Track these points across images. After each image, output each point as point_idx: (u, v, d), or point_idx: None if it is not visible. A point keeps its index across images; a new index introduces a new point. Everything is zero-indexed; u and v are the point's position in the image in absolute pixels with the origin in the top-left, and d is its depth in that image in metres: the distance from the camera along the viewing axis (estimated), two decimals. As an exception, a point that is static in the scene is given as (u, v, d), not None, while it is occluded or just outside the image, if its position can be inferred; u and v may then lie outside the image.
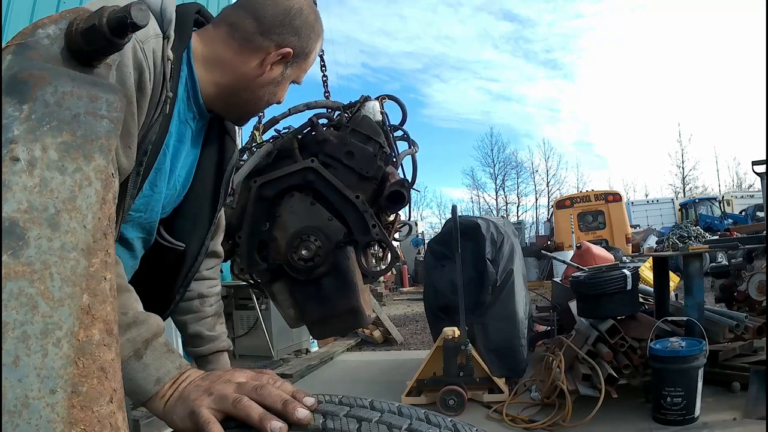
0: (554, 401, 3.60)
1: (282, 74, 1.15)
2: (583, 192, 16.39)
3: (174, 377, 0.83)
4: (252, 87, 1.13)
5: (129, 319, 0.86)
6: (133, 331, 0.85)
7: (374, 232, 1.54)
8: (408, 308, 10.92)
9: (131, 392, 0.82)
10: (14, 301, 0.46)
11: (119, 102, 0.56)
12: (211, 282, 1.38)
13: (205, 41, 1.10)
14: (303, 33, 1.14)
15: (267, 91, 1.15)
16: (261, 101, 1.16)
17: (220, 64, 1.10)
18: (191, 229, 1.21)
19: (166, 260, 1.19)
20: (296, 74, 1.19)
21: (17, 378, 0.46)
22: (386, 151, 1.65)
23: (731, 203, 20.47)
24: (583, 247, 7.29)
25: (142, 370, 0.83)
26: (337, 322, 1.60)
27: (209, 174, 1.23)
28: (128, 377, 0.81)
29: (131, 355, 0.83)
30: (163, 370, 0.84)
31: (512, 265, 4.45)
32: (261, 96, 1.15)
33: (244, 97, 1.14)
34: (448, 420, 0.72)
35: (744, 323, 3.69)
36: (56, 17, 0.59)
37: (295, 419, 0.69)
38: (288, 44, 1.12)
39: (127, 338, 0.83)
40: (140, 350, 0.84)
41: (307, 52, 1.17)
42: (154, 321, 0.89)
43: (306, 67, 1.20)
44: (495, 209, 34.98)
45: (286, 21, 1.12)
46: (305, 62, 1.19)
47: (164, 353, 0.86)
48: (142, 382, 0.82)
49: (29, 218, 0.48)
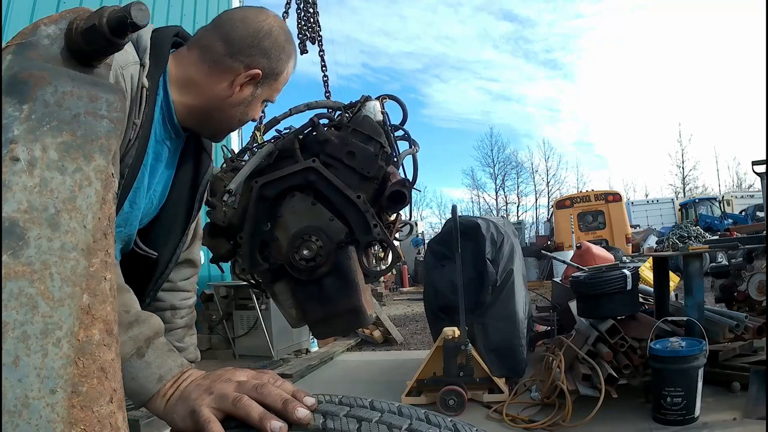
0: (554, 401, 3.60)
1: (252, 94, 1.18)
2: (583, 192, 16.40)
3: (176, 375, 0.84)
4: (223, 107, 1.16)
5: (131, 318, 0.86)
6: (135, 330, 0.85)
7: (376, 231, 1.54)
8: (408, 308, 10.92)
9: (133, 391, 0.82)
10: (14, 301, 0.46)
11: (119, 102, 0.56)
12: (186, 294, 1.45)
13: (178, 64, 1.14)
14: (272, 54, 1.17)
15: (238, 110, 1.19)
16: (233, 120, 1.20)
17: (193, 86, 1.14)
18: (165, 238, 1.25)
19: (138, 266, 1.23)
20: (268, 94, 1.22)
21: (17, 378, 0.46)
22: (387, 150, 1.65)
23: (731, 203, 20.47)
24: (583, 247, 7.28)
25: (144, 369, 0.83)
26: (338, 322, 1.60)
27: (185, 187, 1.28)
28: (130, 376, 0.81)
29: (133, 353, 0.83)
30: (165, 368, 0.84)
31: (512, 265, 4.45)
32: (233, 115, 1.19)
33: (217, 117, 1.18)
34: (448, 420, 0.72)
35: (744, 323, 3.69)
36: (56, 17, 0.59)
37: (295, 419, 0.69)
38: (257, 65, 1.15)
39: (129, 336, 0.84)
40: (142, 348, 0.85)
41: (277, 72, 1.20)
42: (155, 320, 0.89)
43: (278, 86, 1.23)
44: (495, 209, 35.02)
45: (255, 42, 1.15)
46: (276, 82, 1.22)
47: (166, 352, 0.87)
48: (144, 380, 0.82)
49: (29, 218, 0.48)
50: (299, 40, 2.97)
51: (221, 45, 1.14)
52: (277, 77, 1.21)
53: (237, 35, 1.16)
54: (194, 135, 1.25)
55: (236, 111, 1.18)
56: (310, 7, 2.96)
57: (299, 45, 2.97)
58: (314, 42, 2.96)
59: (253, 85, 1.17)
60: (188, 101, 1.14)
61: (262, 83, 1.18)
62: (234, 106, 1.17)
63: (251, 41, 1.15)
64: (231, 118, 1.19)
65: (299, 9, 2.96)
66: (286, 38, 1.22)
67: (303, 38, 2.97)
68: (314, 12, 2.96)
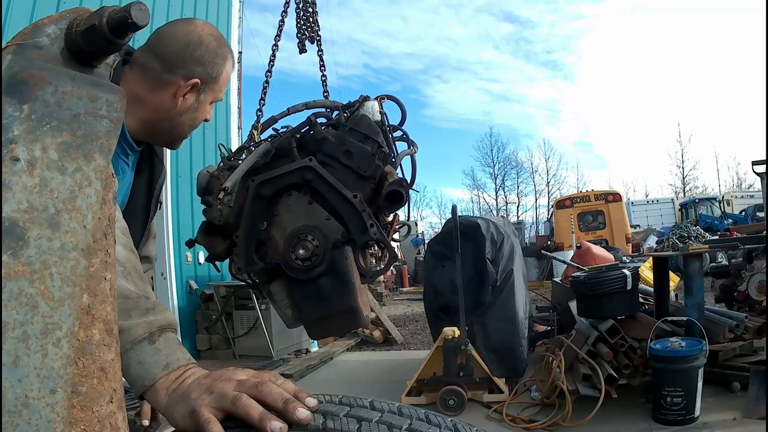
0: (554, 401, 3.60)
1: (197, 100, 1.26)
2: (583, 192, 16.40)
3: (181, 367, 0.84)
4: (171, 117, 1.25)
5: (150, 305, 0.87)
6: (152, 316, 0.86)
7: (372, 231, 1.54)
8: (408, 308, 10.92)
9: (137, 376, 0.81)
10: (14, 301, 0.46)
11: (119, 102, 0.56)
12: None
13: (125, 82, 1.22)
14: (207, 60, 1.24)
15: (187, 118, 1.27)
16: (183, 128, 1.28)
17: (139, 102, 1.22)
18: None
19: None
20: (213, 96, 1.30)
21: (17, 378, 0.46)
22: (385, 150, 1.65)
23: (731, 203, 20.46)
24: (583, 247, 7.28)
25: (153, 354, 0.83)
26: (334, 322, 1.60)
27: (141, 194, 1.38)
28: (138, 359, 0.81)
29: (145, 337, 0.83)
30: (173, 357, 0.84)
31: (512, 265, 4.45)
32: (182, 123, 1.27)
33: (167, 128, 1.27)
34: (448, 420, 0.72)
35: (744, 323, 3.69)
36: (56, 17, 0.59)
37: (295, 419, 0.69)
38: (194, 75, 1.23)
39: (145, 320, 0.85)
40: (154, 335, 0.85)
41: (215, 76, 1.27)
42: (170, 315, 0.91)
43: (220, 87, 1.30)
44: (495, 209, 35.02)
45: (187, 55, 1.23)
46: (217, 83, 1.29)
47: (176, 344, 0.87)
48: (151, 365, 0.82)
49: (29, 218, 0.48)
50: (298, 39, 2.97)
51: (157, 63, 1.22)
52: (216, 80, 1.28)
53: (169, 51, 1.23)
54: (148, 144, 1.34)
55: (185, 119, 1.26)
56: (309, 7, 2.95)
57: (298, 44, 2.97)
58: (313, 42, 2.96)
59: (195, 93, 1.25)
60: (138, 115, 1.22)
61: (203, 89, 1.26)
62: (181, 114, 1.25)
63: (183, 54, 1.22)
64: (181, 126, 1.27)
65: (298, 8, 2.96)
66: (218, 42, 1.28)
67: (302, 38, 2.97)
68: (313, 12, 2.96)
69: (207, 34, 1.26)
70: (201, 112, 1.29)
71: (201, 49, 1.24)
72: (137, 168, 1.36)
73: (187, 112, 1.25)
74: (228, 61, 1.31)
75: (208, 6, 6.36)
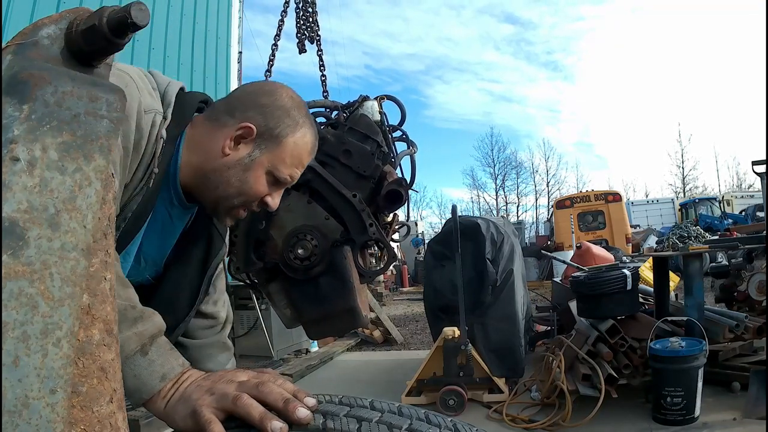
0: (554, 401, 3.60)
1: (249, 156, 1.08)
2: (583, 192, 16.39)
3: (177, 375, 0.84)
4: (219, 168, 1.08)
5: (137, 314, 0.87)
6: (140, 326, 0.86)
7: (371, 231, 1.54)
8: (408, 308, 10.92)
9: (134, 389, 0.82)
10: (14, 301, 0.46)
11: (119, 102, 0.56)
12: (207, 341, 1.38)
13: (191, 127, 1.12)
14: (270, 113, 1.09)
15: (234, 174, 1.08)
16: (229, 186, 1.08)
17: (196, 145, 1.10)
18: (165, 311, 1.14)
19: None
20: (270, 161, 1.09)
21: (17, 378, 0.46)
22: (384, 150, 1.65)
23: (731, 203, 20.46)
24: (583, 247, 7.28)
25: (147, 366, 0.83)
26: (333, 323, 1.60)
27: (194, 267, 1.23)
28: (133, 373, 0.81)
29: (137, 350, 0.83)
30: (168, 366, 0.84)
31: (512, 265, 4.45)
32: (228, 179, 1.08)
33: (213, 181, 1.09)
34: (448, 420, 0.72)
35: (744, 323, 3.69)
36: (56, 17, 0.59)
37: (295, 418, 0.69)
38: (250, 120, 1.07)
39: (134, 332, 0.84)
40: (146, 345, 0.85)
41: (277, 134, 1.08)
42: (158, 318, 0.90)
43: (282, 155, 1.10)
44: (495, 209, 35.01)
45: (250, 99, 1.11)
46: (279, 149, 1.09)
47: (168, 350, 0.87)
48: (147, 378, 0.82)
49: (29, 218, 0.48)
50: (298, 39, 2.98)
51: (222, 103, 1.14)
52: (277, 141, 1.09)
53: (237, 93, 1.15)
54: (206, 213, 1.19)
55: (232, 174, 1.08)
56: (308, 7, 2.96)
57: (298, 44, 2.98)
58: (313, 42, 2.96)
59: (249, 146, 1.08)
60: (191, 159, 1.10)
61: (260, 144, 1.08)
62: (229, 167, 1.07)
63: (247, 97, 1.12)
64: (227, 182, 1.08)
65: (298, 9, 2.97)
66: (294, 103, 1.13)
67: (302, 38, 2.97)
68: (313, 12, 2.96)
69: (286, 94, 1.13)
70: (253, 175, 1.08)
71: (269, 98, 1.10)
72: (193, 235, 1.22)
73: (236, 167, 1.07)
74: (300, 129, 1.11)
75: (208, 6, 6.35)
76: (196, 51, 5.66)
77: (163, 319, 0.91)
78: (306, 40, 2.97)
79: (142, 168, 1.01)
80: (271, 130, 1.08)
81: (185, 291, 1.22)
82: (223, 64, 6.22)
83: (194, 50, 5.62)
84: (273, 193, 1.13)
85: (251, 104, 1.09)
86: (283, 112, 1.10)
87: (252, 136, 1.07)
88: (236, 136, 1.07)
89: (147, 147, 1.00)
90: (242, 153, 1.08)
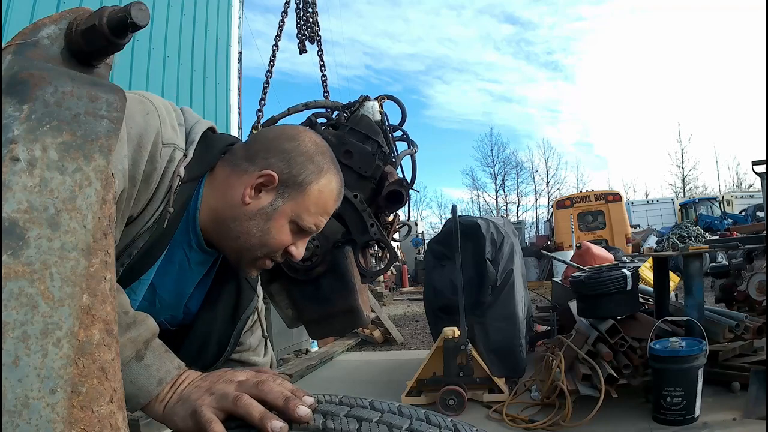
0: (554, 401, 3.60)
1: (272, 205, 1.02)
2: (583, 192, 16.41)
3: (174, 378, 0.84)
4: (239, 217, 1.02)
5: (129, 319, 0.86)
6: (134, 332, 0.85)
7: (372, 231, 1.54)
8: (408, 308, 10.92)
9: (132, 395, 0.81)
10: (14, 301, 0.46)
11: (119, 102, 0.56)
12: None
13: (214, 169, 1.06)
14: (293, 159, 1.03)
15: (255, 225, 1.02)
16: (251, 236, 1.02)
17: (216, 188, 1.04)
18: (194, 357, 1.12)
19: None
20: (294, 210, 1.03)
21: (17, 378, 0.46)
22: (385, 150, 1.65)
23: (731, 203, 20.47)
24: (583, 247, 7.29)
25: (143, 371, 0.83)
26: (335, 323, 1.60)
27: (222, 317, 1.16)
28: (129, 379, 0.81)
29: (132, 356, 0.83)
30: (164, 370, 0.84)
31: (512, 265, 4.45)
32: (249, 229, 1.02)
33: (234, 228, 1.03)
34: (448, 420, 0.72)
35: (744, 323, 3.69)
36: (56, 17, 0.59)
37: (296, 416, 0.69)
38: (272, 168, 1.02)
39: (128, 338, 0.83)
40: (141, 351, 0.84)
41: (300, 181, 1.02)
42: (151, 321, 0.89)
43: (306, 204, 1.04)
44: (495, 209, 35.02)
45: (272, 144, 1.04)
46: (303, 197, 1.03)
47: (163, 353, 0.86)
48: (144, 383, 0.82)
49: (29, 218, 0.48)
50: (298, 39, 2.98)
51: (243, 150, 1.06)
52: (301, 188, 1.03)
53: (258, 138, 1.09)
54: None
55: (253, 225, 1.02)
56: (309, 8, 2.96)
57: (298, 45, 2.98)
58: (313, 42, 2.97)
59: (271, 194, 1.02)
60: (211, 203, 1.04)
61: (282, 193, 1.02)
62: (250, 216, 1.02)
63: (269, 144, 1.05)
64: (248, 232, 1.02)
65: (298, 9, 2.97)
66: (318, 149, 1.06)
67: (302, 38, 2.97)
68: (313, 12, 2.96)
69: (307, 135, 1.07)
70: (276, 225, 1.03)
71: (291, 144, 1.04)
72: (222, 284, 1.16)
73: (257, 217, 1.01)
74: (325, 176, 1.05)
75: (208, 6, 6.35)
76: (196, 51, 5.65)
77: (155, 321, 0.90)
78: (306, 40, 2.97)
79: (154, 204, 0.95)
80: (294, 177, 1.02)
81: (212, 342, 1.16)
82: (223, 64, 6.21)
83: (194, 50, 5.61)
84: (297, 242, 1.07)
85: (273, 150, 1.03)
86: (306, 158, 1.04)
87: (274, 184, 1.01)
88: (257, 185, 1.01)
89: (161, 182, 0.95)
90: (264, 202, 1.02)
